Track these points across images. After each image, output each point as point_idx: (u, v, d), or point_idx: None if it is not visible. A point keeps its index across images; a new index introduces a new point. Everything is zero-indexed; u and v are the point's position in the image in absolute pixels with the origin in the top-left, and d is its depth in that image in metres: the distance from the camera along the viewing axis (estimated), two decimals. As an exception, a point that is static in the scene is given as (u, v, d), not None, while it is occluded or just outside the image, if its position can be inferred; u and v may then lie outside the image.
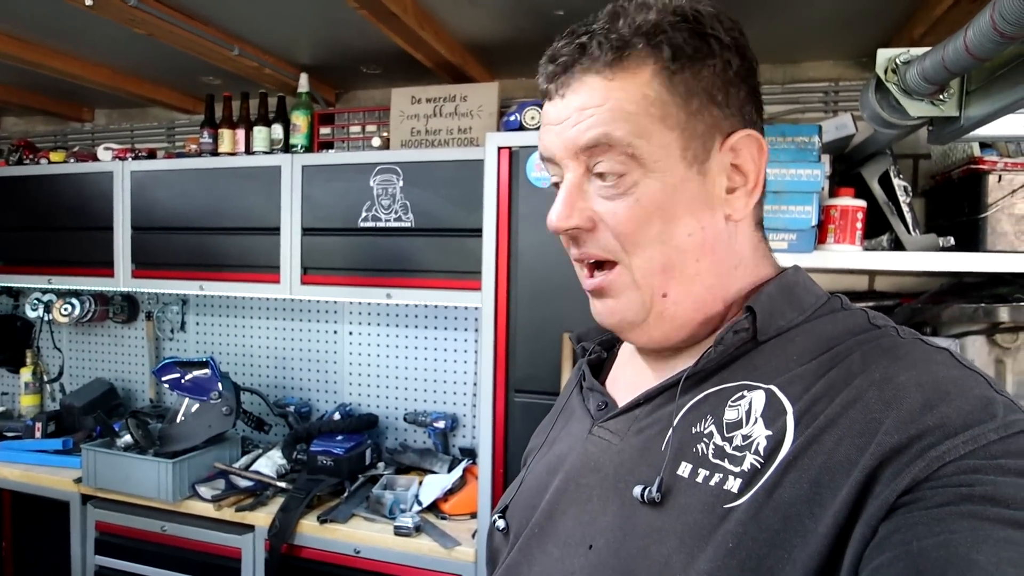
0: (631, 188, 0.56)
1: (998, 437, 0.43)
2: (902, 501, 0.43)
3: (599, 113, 0.55)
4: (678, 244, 0.57)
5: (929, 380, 0.47)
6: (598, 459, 0.61)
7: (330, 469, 2.11)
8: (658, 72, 0.55)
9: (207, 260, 2.27)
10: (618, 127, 0.55)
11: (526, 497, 0.68)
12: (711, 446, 0.53)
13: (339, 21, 1.79)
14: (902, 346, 0.52)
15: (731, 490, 0.50)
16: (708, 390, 0.57)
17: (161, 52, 1.96)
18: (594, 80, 0.56)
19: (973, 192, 1.61)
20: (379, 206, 2.05)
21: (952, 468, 0.42)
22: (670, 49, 0.55)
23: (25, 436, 2.51)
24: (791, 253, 1.61)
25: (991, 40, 0.86)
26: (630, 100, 0.55)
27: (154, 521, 2.10)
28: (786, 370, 0.54)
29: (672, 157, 0.56)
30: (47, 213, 2.50)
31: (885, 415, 0.46)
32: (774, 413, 0.52)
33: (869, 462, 0.45)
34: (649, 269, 0.58)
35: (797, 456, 0.48)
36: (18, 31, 1.96)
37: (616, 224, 0.57)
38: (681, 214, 0.57)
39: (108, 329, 2.87)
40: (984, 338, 1.56)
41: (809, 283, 0.62)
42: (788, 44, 1.90)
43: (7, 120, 3.11)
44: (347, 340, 2.51)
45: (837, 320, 0.58)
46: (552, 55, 0.59)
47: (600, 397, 0.67)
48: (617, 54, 0.55)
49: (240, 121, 2.28)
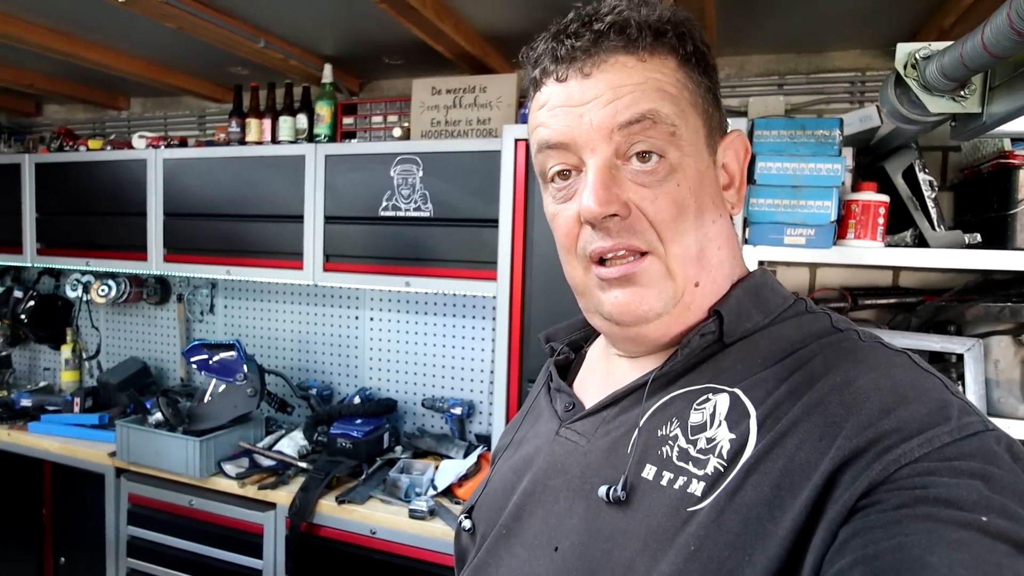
0: (671, 172, 0.55)
1: (952, 439, 0.44)
2: (861, 504, 0.43)
3: (641, 89, 0.54)
4: (707, 231, 0.58)
5: (888, 384, 0.48)
6: (565, 461, 0.62)
7: (349, 451, 2.17)
8: (683, 63, 0.57)
9: (234, 246, 2.34)
10: (664, 104, 0.55)
11: (492, 498, 0.69)
12: (676, 449, 0.54)
13: (361, 14, 1.81)
14: (862, 349, 0.53)
15: (695, 493, 0.51)
16: (674, 392, 0.58)
17: (192, 44, 2.02)
18: (629, 60, 0.55)
19: (1002, 187, 1.56)
20: (399, 195, 2.07)
21: (908, 471, 0.43)
22: (692, 44, 0.57)
23: (64, 410, 2.63)
24: (810, 248, 1.59)
25: (1008, 39, 0.83)
26: (668, 82, 0.56)
27: (182, 495, 2.19)
28: (750, 373, 0.55)
29: (701, 143, 0.57)
30: (85, 198, 2.60)
31: (845, 420, 0.47)
32: (738, 416, 0.52)
33: (829, 466, 0.45)
34: (686, 257, 0.57)
35: (759, 459, 0.49)
36: (59, 25, 2.03)
37: (657, 211, 0.55)
38: (707, 201, 0.58)
39: (142, 310, 2.99)
40: (1010, 338, 1.51)
41: (775, 285, 0.63)
42: (813, 33, 1.86)
43: (49, 108, 3.23)
44: (368, 326, 2.56)
45: (801, 323, 0.58)
46: (567, 33, 0.57)
47: (567, 398, 0.68)
48: (654, 37, 0.55)
49: (267, 111, 2.33)
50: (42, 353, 3.21)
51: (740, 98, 2.05)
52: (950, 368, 1.51)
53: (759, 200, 1.60)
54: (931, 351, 1.53)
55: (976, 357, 1.47)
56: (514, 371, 1.80)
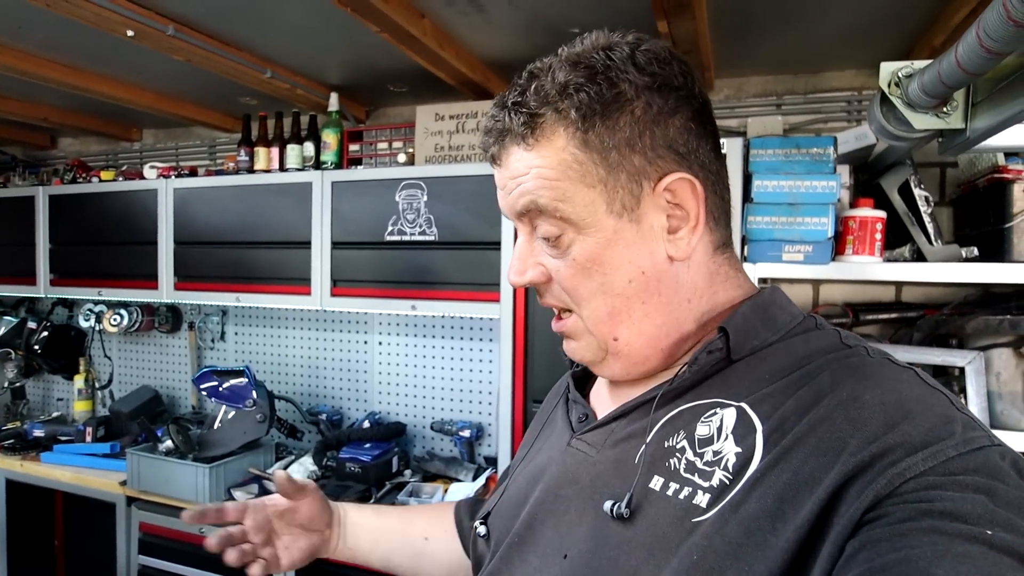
0: (568, 248, 0.60)
1: (957, 453, 0.45)
2: (867, 518, 0.44)
3: (525, 181, 0.59)
4: (620, 292, 0.60)
5: (893, 399, 0.49)
6: (575, 471, 0.64)
7: (358, 476, 2.18)
8: (572, 135, 0.57)
9: (243, 273, 2.38)
10: (542, 194, 0.58)
11: (507, 506, 0.71)
12: (683, 461, 0.55)
13: (365, 43, 1.87)
14: (869, 365, 0.54)
15: (700, 504, 0.51)
16: (682, 406, 0.59)
17: (201, 76, 2.08)
18: (516, 151, 0.59)
19: (998, 201, 1.58)
20: (404, 220, 2.11)
21: (913, 484, 0.44)
22: (577, 113, 0.56)
23: (77, 440, 2.65)
24: (808, 265, 1.60)
25: (979, 56, 0.86)
26: (548, 167, 0.58)
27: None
28: (757, 388, 0.55)
29: (599, 212, 0.58)
30: (98, 229, 2.65)
31: (851, 435, 0.48)
32: (744, 430, 0.53)
33: (834, 480, 0.46)
34: (597, 318, 0.62)
35: (765, 473, 0.50)
36: (71, 60, 2.10)
37: (561, 280, 0.62)
38: (619, 264, 0.59)
39: (154, 338, 3.02)
40: (1011, 351, 1.52)
41: (785, 302, 0.63)
42: (808, 54, 1.90)
43: (64, 141, 3.31)
44: (377, 350, 2.58)
45: (810, 339, 0.59)
46: (486, 126, 0.63)
47: (582, 409, 0.70)
48: (528, 126, 0.58)
49: (274, 139, 2.39)
50: (56, 383, 3.25)
51: (739, 119, 2.09)
52: (952, 381, 1.51)
53: (757, 218, 1.62)
54: (933, 364, 1.53)
55: (977, 370, 1.47)
56: (519, 392, 1.81)
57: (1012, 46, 0.81)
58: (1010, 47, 0.82)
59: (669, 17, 1.49)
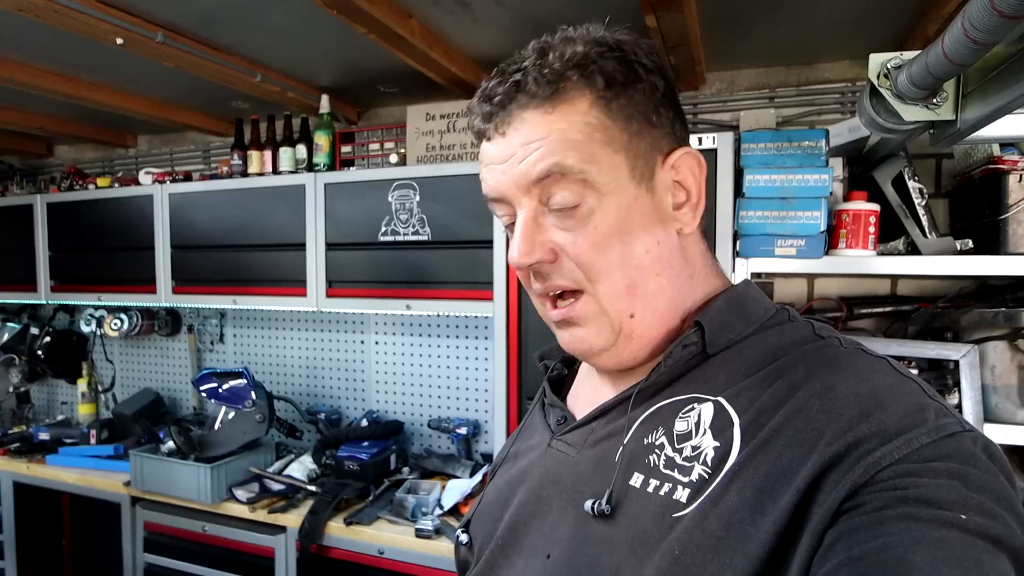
0: (589, 215, 0.58)
1: (930, 440, 0.45)
2: (844, 507, 0.44)
3: (546, 144, 0.56)
4: (638, 263, 0.59)
5: (866, 389, 0.50)
6: (556, 471, 0.64)
7: (356, 474, 2.19)
8: (596, 100, 0.57)
9: (239, 276, 2.38)
10: (568, 155, 0.56)
11: (488, 511, 0.71)
12: (662, 457, 0.56)
13: (354, 45, 1.86)
14: (843, 356, 0.54)
15: (680, 499, 0.52)
16: (660, 403, 0.59)
17: (192, 81, 2.08)
18: (534, 115, 0.57)
19: (993, 193, 1.56)
20: (397, 220, 2.11)
21: (888, 472, 0.44)
22: (603, 78, 0.57)
23: (81, 443, 2.68)
24: (801, 259, 1.59)
25: (966, 47, 0.85)
26: (574, 129, 0.57)
27: (195, 522, 2.22)
28: (734, 382, 0.56)
29: (622, 178, 0.58)
30: (95, 235, 2.67)
31: (826, 425, 0.48)
32: (722, 424, 0.54)
33: (811, 471, 0.47)
34: (615, 293, 0.59)
35: (743, 466, 0.50)
36: (65, 69, 2.11)
37: (578, 253, 0.58)
38: (638, 232, 0.59)
39: (154, 341, 3.04)
40: (1006, 344, 1.50)
41: (758, 296, 0.64)
42: (800, 45, 1.87)
43: (60, 149, 3.33)
44: (373, 350, 2.59)
45: (784, 332, 0.60)
46: (487, 95, 0.60)
47: (560, 412, 0.70)
48: (553, 88, 0.57)
49: (267, 142, 2.39)
50: (59, 388, 3.29)
51: (731, 112, 2.07)
52: (947, 375, 1.50)
53: (749, 212, 1.61)
54: (928, 358, 1.52)
55: (972, 363, 1.46)
56: (513, 389, 1.82)
57: (997, 36, 0.80)
58: (995, 37, 0.81)
59: (657, 11, 1.47)
